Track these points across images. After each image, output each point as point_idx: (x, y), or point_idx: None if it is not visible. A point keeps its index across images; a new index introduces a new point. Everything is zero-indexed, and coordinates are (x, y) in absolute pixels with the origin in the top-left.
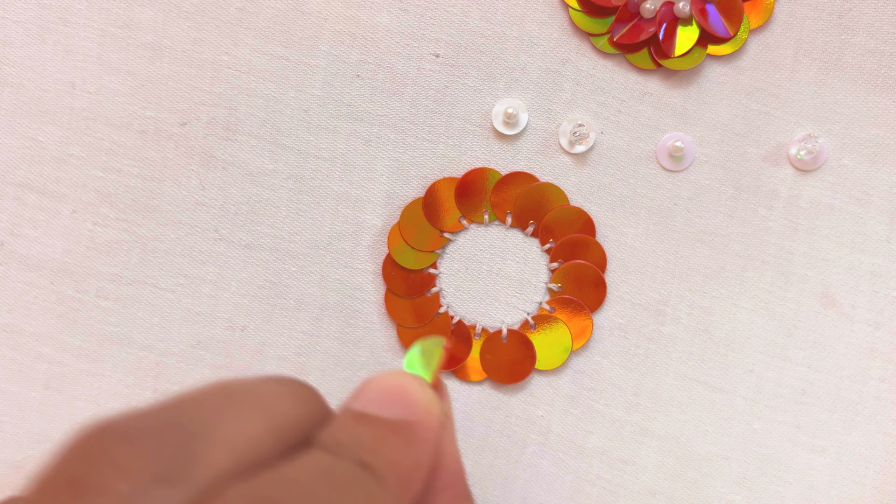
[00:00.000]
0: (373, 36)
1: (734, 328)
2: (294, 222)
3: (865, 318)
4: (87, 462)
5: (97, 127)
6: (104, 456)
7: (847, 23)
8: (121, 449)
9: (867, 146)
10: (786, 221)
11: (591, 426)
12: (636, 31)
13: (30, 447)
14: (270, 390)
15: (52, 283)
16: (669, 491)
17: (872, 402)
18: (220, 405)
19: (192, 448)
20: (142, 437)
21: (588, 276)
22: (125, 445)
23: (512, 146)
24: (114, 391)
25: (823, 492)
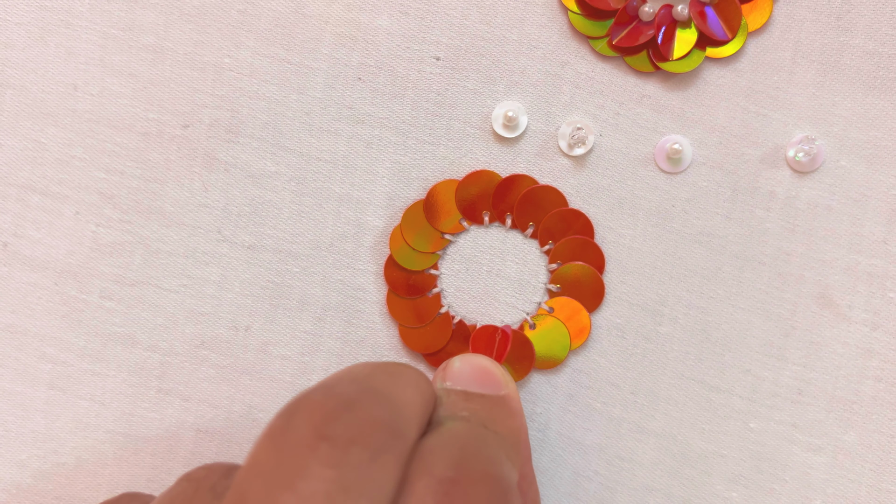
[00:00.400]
0: (374, 39)
1: (731, 328)
2: (296, 224)
3: (862, 318)
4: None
5: (100, 129)
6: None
7: (846, 25)
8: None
9: (865, 148)
10: (783, 223)
11: (589, 423)
12: (635, 34)
13: (34, 446)
14: (409, 372)
15: (56, 284)
16: (666, 487)
17: (869, 401)
18: (389, 381)
19: (402, 413)
20: (363, 400)
21: (586, 277)
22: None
23: (512, 149)
24: (118, 391)
25: (819, 489)
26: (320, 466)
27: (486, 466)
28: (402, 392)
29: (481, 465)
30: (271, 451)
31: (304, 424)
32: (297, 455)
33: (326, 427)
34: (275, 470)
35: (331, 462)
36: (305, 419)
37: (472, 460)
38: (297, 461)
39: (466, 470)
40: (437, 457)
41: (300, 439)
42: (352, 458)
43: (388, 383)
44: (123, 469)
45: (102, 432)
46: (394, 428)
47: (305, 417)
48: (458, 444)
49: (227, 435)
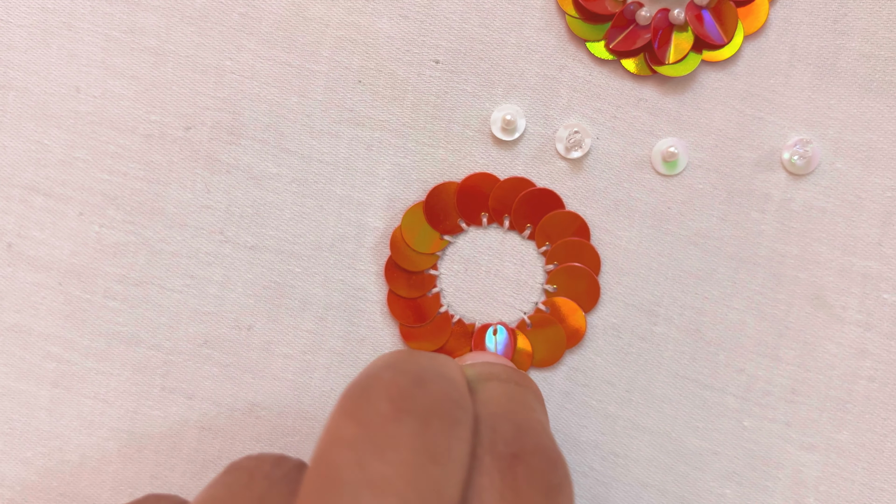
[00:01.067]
0: (374, 42)
1: (725, 328)
2: (298, 225)
3: (856, 319)
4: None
5: (102, 130)
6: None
7: (842, 28)
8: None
9: (860, 150)
10: (778, 224)
11: (584, 420)
12: (632, 38)
13: (39, 444)
14: (439, 356)
15: (60, 284)
16: (660, 483)
17: (862, 400)
18: (435, 362)
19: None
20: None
21: (582, 278)
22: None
23: (510, 152)
24: (122, 389)
25: (812, 487)
26: (407, 437)
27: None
28: (450, 370)
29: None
30: (354, 426)
31: (383, 400)
32: (383, 427)
33: (405, 402)
34: (362, 442)
35: (415, 433)
36: (383, 395)
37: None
38: (384, 432)
39: (522, 443)
40: (496, 432)
41: (383, 413)
42: (433, 428)
43: (436, 363)
44: (127, 466)
45: (107, 430)
46: (460, 401)
47: (382, 394)
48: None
49: (230, 432)
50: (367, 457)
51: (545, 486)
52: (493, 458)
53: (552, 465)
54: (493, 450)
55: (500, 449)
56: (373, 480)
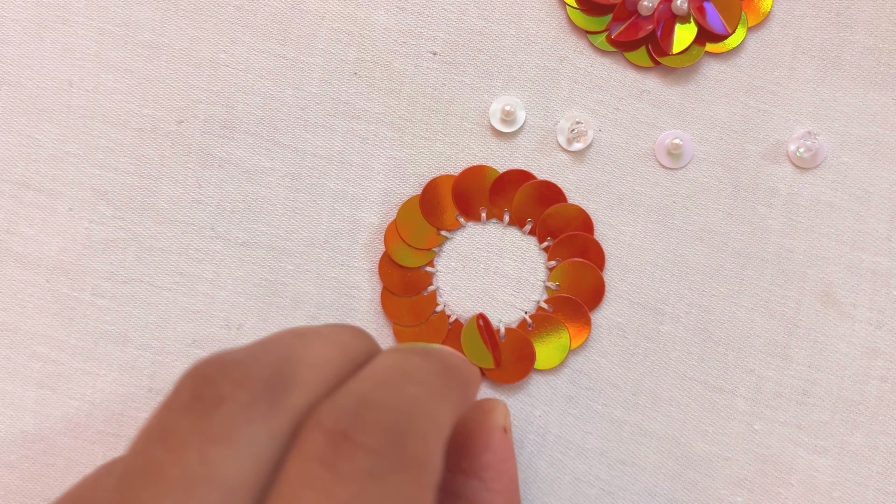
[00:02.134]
0: (370, 34)
1: (734, 327)
2: (291, 220)
3: (867, 317)
4: (206, 381)
5: (94, 125)
6: (221, 375)
7: (846, 20)
8: (232, 370)
9: (867, 144)
10: (785, 219)
11: (589, 426)
12: (634, 29)
13: (24, 447)
14: (332, 330)
15: (48, 282)
16: (669, 492)
17: (874, 402)
18: (296, 341)
19: (288, 368)
20: (246, 361)
21: (586, 275)
22: (234, 367)
23: (509, 144)
24: (109, 390)
25: (825, 493)
26: (190, 421)
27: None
28: (304, 349)
29: (378, 412)
30: (156, 415)
31: (186, 390)
32: (174, 415)
33: (202, 388)
34: (154, 430)
35: (200, 417)
36: (188, 385)
37: (370, 405)
38: (172, 419)
39: (359, 418)
40: (335, 405)
41: (180, 402)
42: (221, 411)
43: (291, 344)
44: None
45: (93, 433)
46: (271, 383)
47: (188, 384)
48: (361, 390)
49: None
50: (152, 442)
51: (373, 466)
52: (318, 431)
53: (391, 446)
54: (322, 422)
55: (328, 422)
56: (149, 465)
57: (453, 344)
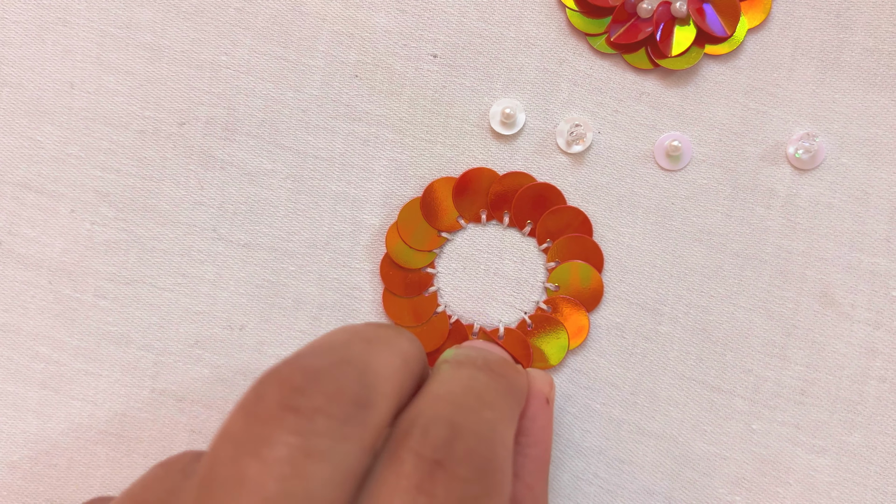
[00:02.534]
0: (371, 36)
1: (732, 327)
2: (292, 222)
3: (865, 317)
4: (296, 392)
5: (96, 126)
6: (311, 386)
7: (845, 21)
8: (323, 381)
9: (866, 145)
10: (784, 220)
11: (588, 425)
12: (633, 31)
13: (26, 447)
14: (392, 335)
15: (50, 283)
16: (667, 491)
17: (873, 402)
18: (367, 349)
19: (370, 382)
20: (331, 371)
21: (585, 276)
22: (324, 378)
23: (509, 146)
24: (111, 391)
25: (824, 493)
26: (285, 434)
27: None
28: (376, 359)
29: (468, 441)
30: (241, 422)
31: (272, 397)
32: (265, 425)
33: (293, 399)
34: (243, 438)
35: (295, 430)
36: (274, 392)
37: (459, 435)
38: (265, 430)
39: (451, 449)
40: (427, 434)
41: (268, 410)
42: (316, 426)
43: (363, 351)
44: (116, 471)
45: (95, 433)
46: (361, 398)
47: (274, 390)
48: (448, 416)
49: None
50: (244, 454)
51: (464, 495)
52: (416, 459)
53: (479, 474)
54: (419, 452)
55: (425, 452)
56: (242, 478)
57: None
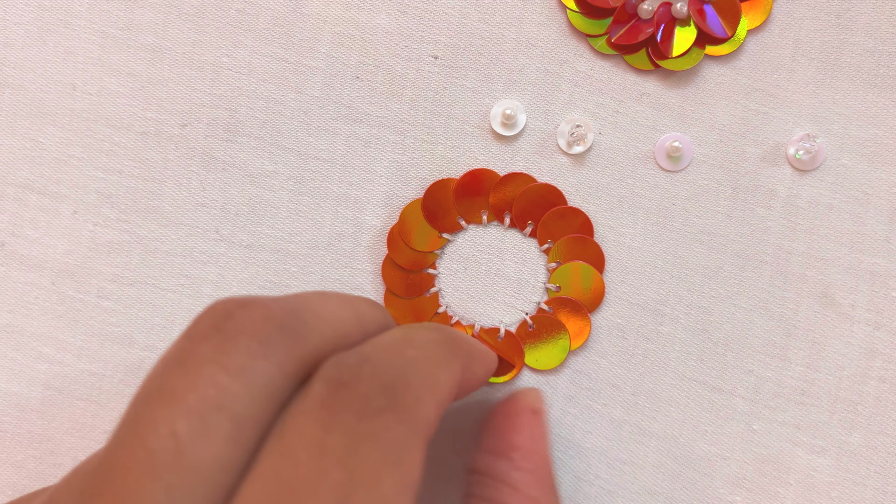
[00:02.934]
0: (372, 38)
1: (733, 328)
2: (294, 223)
3: (865, 317)
4: (227, 315)
5: (98, 128)
6: (241, 312)
7: (846, 23)
8: (253, 308)
9: (866, 146)
10: (784, 221)
11: (589, 426)
12: (634, 32)
13: (31, 447)
14: (351, 296)
15: (53, 284)
16: (668, 491)
17: (873, 402)
18: (316, 297)
19: (304, 317)
20: (267, 303)
21: (586, 277)
22: (256, 306)
23: (510, 147)
24: (115, 391)
25: (824, 493)
26: (209, 350)
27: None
28: (322, 305)
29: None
30: (177, 343)
31: (207, 321)
32: (193, 343)
33: (222, 321)
34: (172, 354)
35: (219, 348)
36: (209, 316)
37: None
38: (191, 347)
39: (358, 371)
40: (339, 359)
41: (200, 331)
42: (238, 344)
43: (311, 298)
44: None
45: (99, 433)
46: (286, 326)
47: (209, 315)
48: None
49: None
50: (171, 366)
51: (364, 407)
52: (322, 383)
53: (383, 390)
54: (327, 377)
55: (331, 374)
56: (164, 389)
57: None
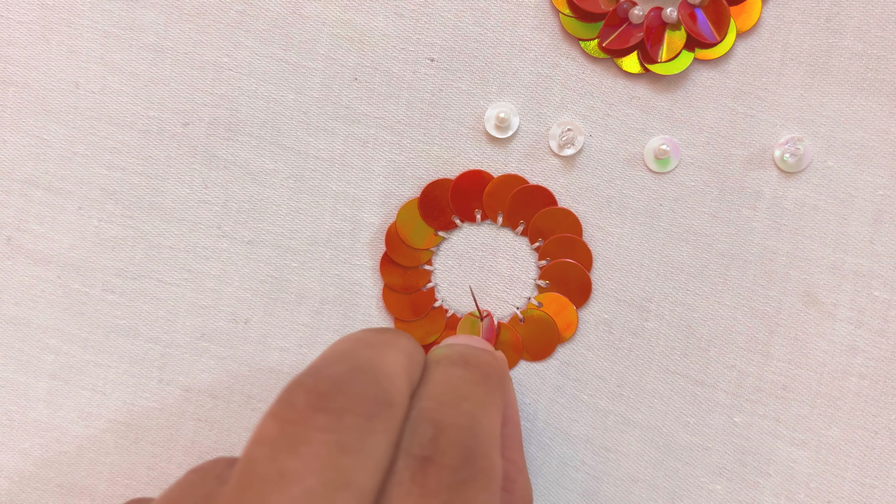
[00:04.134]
0: (370, 40)
1: (716, 324)
2: (294, 220)
3: (847, 316)
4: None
5: (101, 126)
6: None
7: (834, 26)
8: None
9: (852, 148)
10: (769, 222)
11: (576, 415)
12: (625, 37)
13: (37, 435)
14: (391, 337)
15: (59, 278)
16: (651, 478)
17: (853, 397)
18: (373, 354)
19: (386, 383)
20: (348, 377)
21: (574, 274)
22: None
23: (504, 149)
24: (119, 381)
25: (803, 483)
26: (318, 432)
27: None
28: (384, 360)
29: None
30: (274, 426)
31: (301, 402)
32: (298, 426)
33: (320, 402)
34: (278, 439)
35: (327, 428)
36: (303, 397)
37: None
38: (298, 430)
39: (436, 445)
40: (415, 434)
41: (299, 414)
42: (346, 423)
43: (371, 356)
44: (124, 458)
45: (104, 422)
46: (381, 398)
47: (303, 396)
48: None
49: (226, 425)
50: (282, 453)
51: (453, 480)
52: (407, 458)
53: (464, 461)
54: (409, 451)
55: (414, 451)
56: (283, 473)
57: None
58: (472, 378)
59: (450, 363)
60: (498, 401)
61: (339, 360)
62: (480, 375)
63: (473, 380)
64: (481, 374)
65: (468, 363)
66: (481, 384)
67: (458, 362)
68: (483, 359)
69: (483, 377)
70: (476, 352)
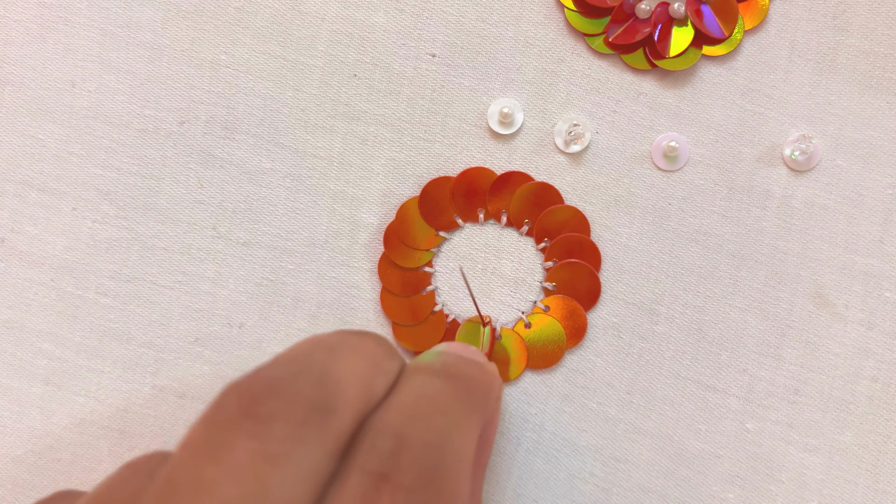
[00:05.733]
0: (370, 36)
1: (727, 327)
2: (291, 220)
3: (858, 318)
4: (255, 399)
5: (97, 125)
6: (269, 394)
7: (841, 24)
8: (280, 389)
9: (861, 147)
10: (779, 221)
11: (584, 424)
12: (631, 32)
13: (30, 442)
14: (357, 340)
15: (53, 280)
16: (662, 488)
17: (865, 401)
18: (328, 356)
19: (330, 387)
20: (289, 379)
21: (582, 276)
22: (281, 386)
23: (507, 146)
24: (113, 387)
25: (816, 490)
26: (243, 439)
27: (419, 453)
28: (338, 365)
29: (414, 453)
30: (201, 430)
31: (232, 406)
32: (224, 431)
33: (251, 407)
34: (202, 444)
35: (253, 435)
36: (234, 401)
37: (406, 446)
38: (223, 436)
39: (397, 462)
40: (374, 447)
41: (228, 418)
42: (274, 431)
43: (325, 359)
44: (118, 465)
45: (98, 428)
46: (319, 405)
47: (234, 399)
48: (397, 426)
49: None
50: (204, 460)
51: (409, 503)
52: (360, 474)
53: (426, 482)
54: (364, 466)
55: (370, 466)
56: (201, 481)
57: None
58: (452, 391)
59: (430, 372)
60: (477, 420)
61: (288, 361)
62: (462, 389)
63: (453, 393)
64: (463, 387)
65: (450, 374)
66: (461, 399)
67: (439, 372)
68: (468, 371)
69: (465, 391)
70: (463, 362)
